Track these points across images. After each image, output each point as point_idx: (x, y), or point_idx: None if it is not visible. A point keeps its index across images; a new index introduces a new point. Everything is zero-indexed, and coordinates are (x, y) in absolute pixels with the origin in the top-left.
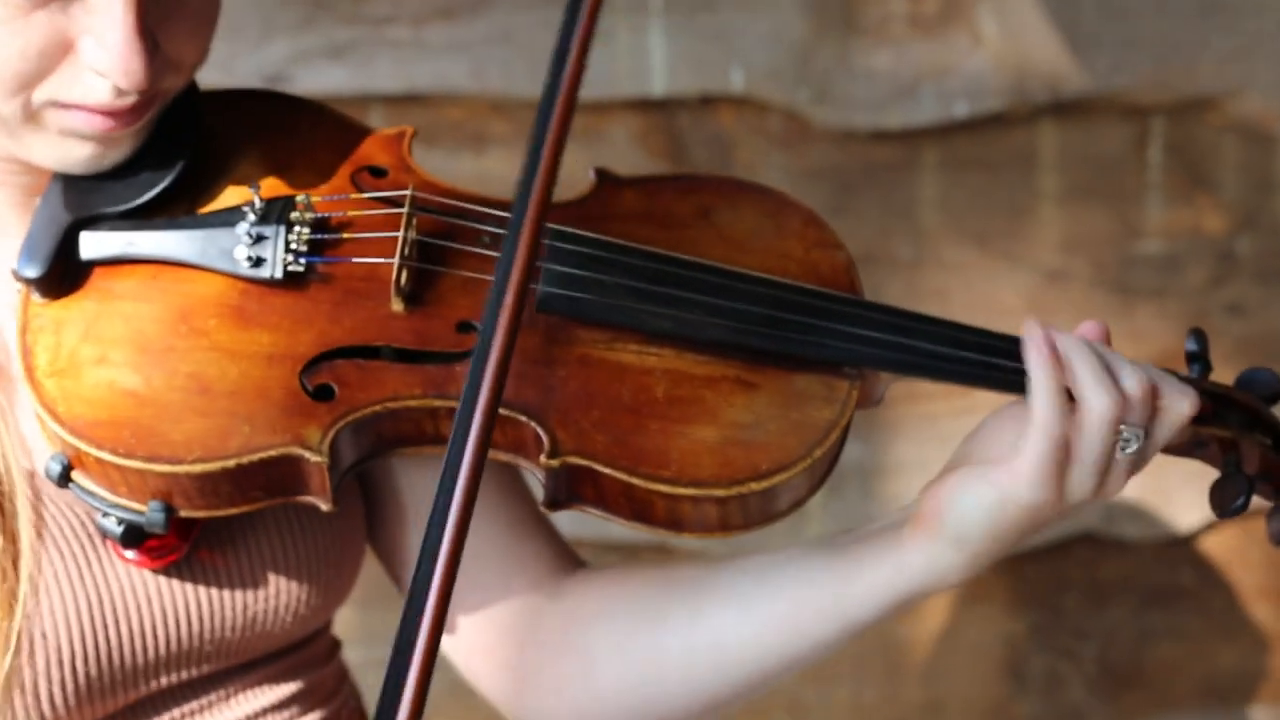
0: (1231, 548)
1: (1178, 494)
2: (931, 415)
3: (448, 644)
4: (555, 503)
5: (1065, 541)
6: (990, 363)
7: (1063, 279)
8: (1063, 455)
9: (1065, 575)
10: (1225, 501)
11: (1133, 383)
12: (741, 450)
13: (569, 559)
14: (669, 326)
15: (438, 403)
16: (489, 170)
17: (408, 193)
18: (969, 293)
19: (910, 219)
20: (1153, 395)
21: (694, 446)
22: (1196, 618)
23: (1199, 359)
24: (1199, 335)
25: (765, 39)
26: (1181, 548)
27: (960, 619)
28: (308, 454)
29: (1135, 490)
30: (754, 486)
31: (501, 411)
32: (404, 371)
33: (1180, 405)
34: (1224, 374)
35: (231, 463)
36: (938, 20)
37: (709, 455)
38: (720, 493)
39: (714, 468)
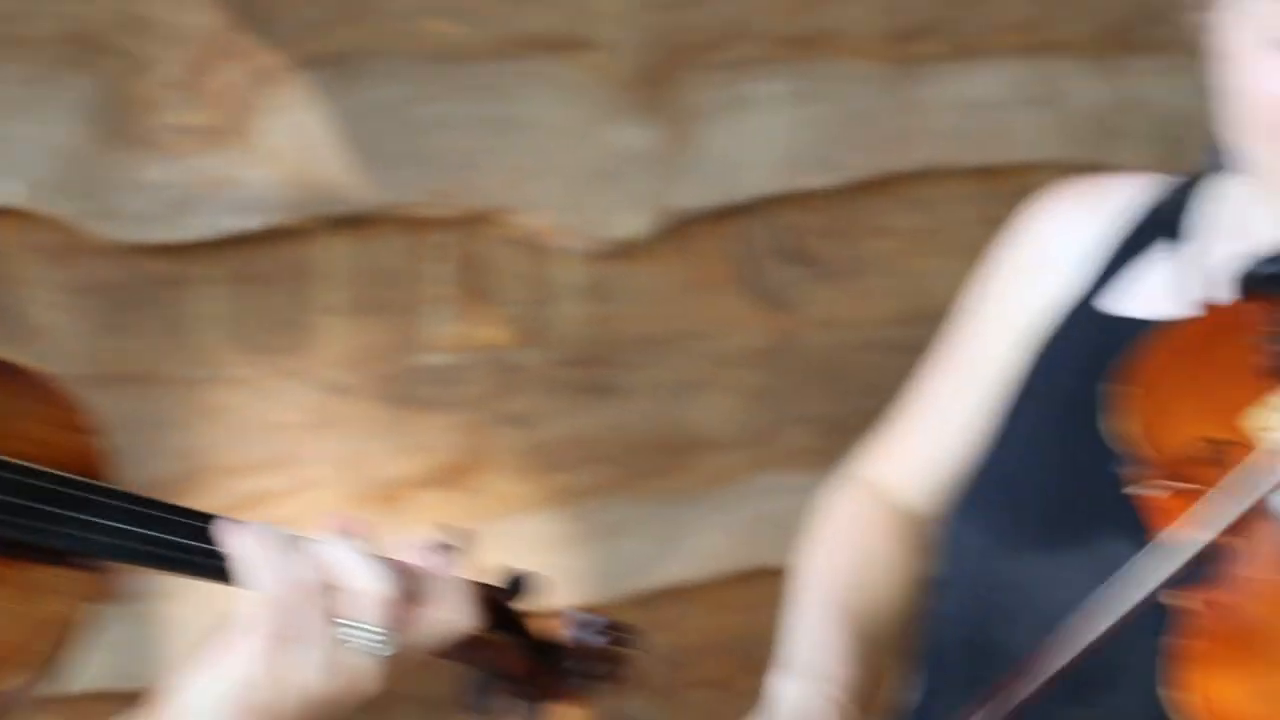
0: None
1: None
2: None
3: None
4: None
5: None
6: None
7: (345, 393)
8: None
9: None
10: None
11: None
12: None
13: None
14: None
15: None
16: None
17: None
18: (250, 410)
19: (190, 335)
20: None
21: None
22: None
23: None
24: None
25: (40, 147)
26: None
27: None
28: None
29: None
30: None
31: None
32: None
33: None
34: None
35: None
36: (214, 133)
37: None
38: None
39: None
